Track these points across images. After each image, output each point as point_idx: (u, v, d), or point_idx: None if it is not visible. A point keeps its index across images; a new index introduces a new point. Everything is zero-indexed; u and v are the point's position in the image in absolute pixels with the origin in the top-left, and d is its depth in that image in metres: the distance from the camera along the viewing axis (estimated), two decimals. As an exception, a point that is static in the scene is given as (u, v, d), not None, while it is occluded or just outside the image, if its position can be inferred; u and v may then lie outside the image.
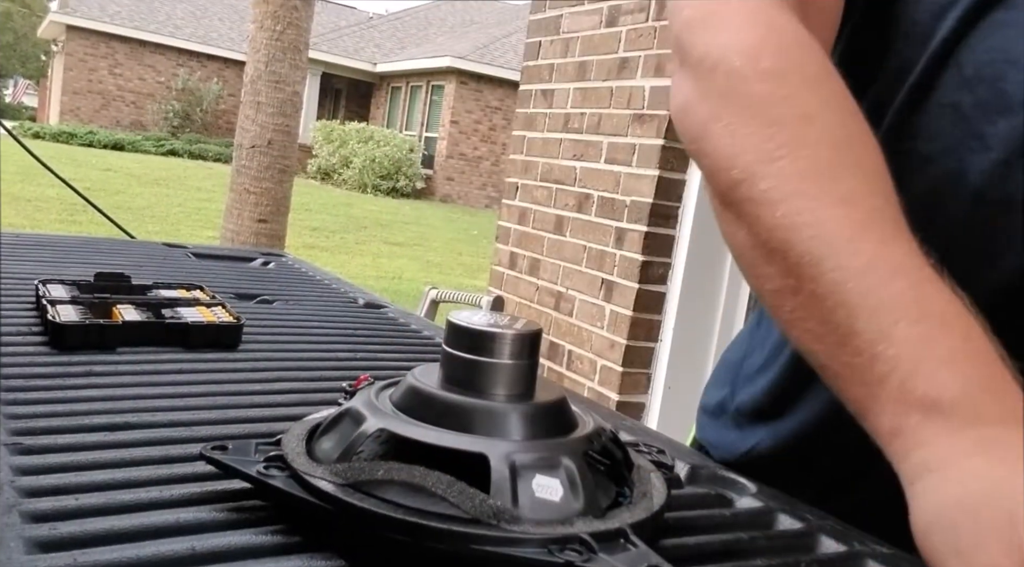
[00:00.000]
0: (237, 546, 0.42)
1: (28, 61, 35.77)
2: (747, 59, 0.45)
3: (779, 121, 0.44)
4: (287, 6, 4.62)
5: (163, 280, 0.96)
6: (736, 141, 0.44)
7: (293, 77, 4.72)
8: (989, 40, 0.50)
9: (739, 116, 0.44)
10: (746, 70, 0.45)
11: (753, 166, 0.43)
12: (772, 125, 0.44)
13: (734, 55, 0.46)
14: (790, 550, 0.51)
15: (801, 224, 0.40)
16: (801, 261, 0.40)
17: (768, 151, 0.43)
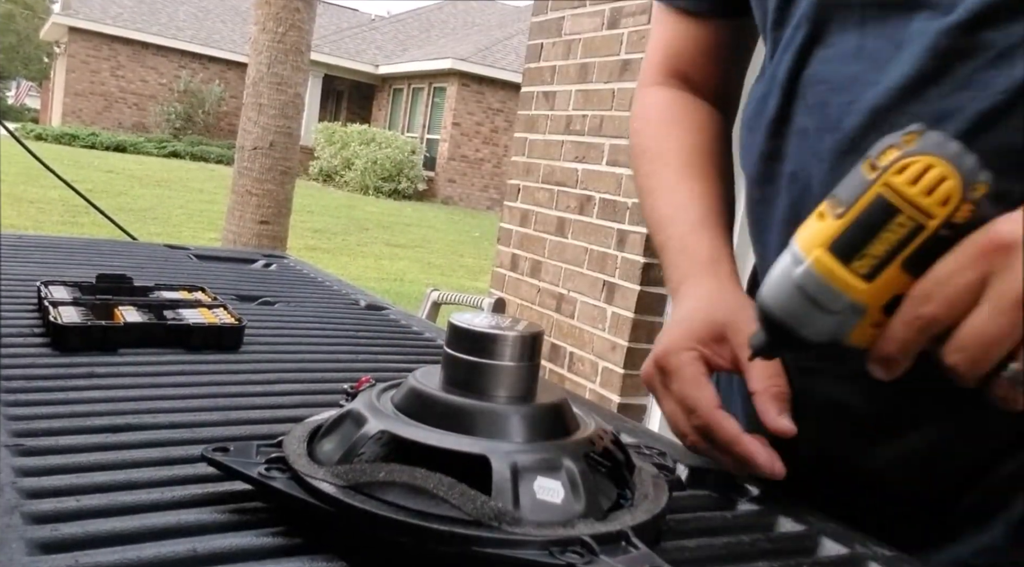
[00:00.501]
0: (238, 547, 0.42)
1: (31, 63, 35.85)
2: (632, 122, 0.83)
3: (639, 156, 0.81)
4: (289, 8, 4.62)
5: (165, 282, 0.96)
6: (632, 167, 0.83)
7: (295, 79, 4.72)
8: (818, 73, 0.62)
9: (632, 154, 0.83)
10: (632, 129, 0.83)
11: (636, 183, 0.81)
12: (637, 159, 0.81)
13: (631, 121, 0.84)
14: (791, 553, 0.51)
15: (648, 213, 0.77)
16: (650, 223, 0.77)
17: (638, 177, 0.80)
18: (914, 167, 0.43)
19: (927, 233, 0.43)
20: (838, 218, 0.45)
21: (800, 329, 0.47)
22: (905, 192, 0.43)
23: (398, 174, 17.01)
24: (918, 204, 0.43)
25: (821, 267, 0.45)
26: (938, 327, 0.44)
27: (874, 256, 0.44)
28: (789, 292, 0.47)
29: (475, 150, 18.22)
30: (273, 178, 4.78)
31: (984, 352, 0.43)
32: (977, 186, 0.43)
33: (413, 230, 11.80)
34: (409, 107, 20.15)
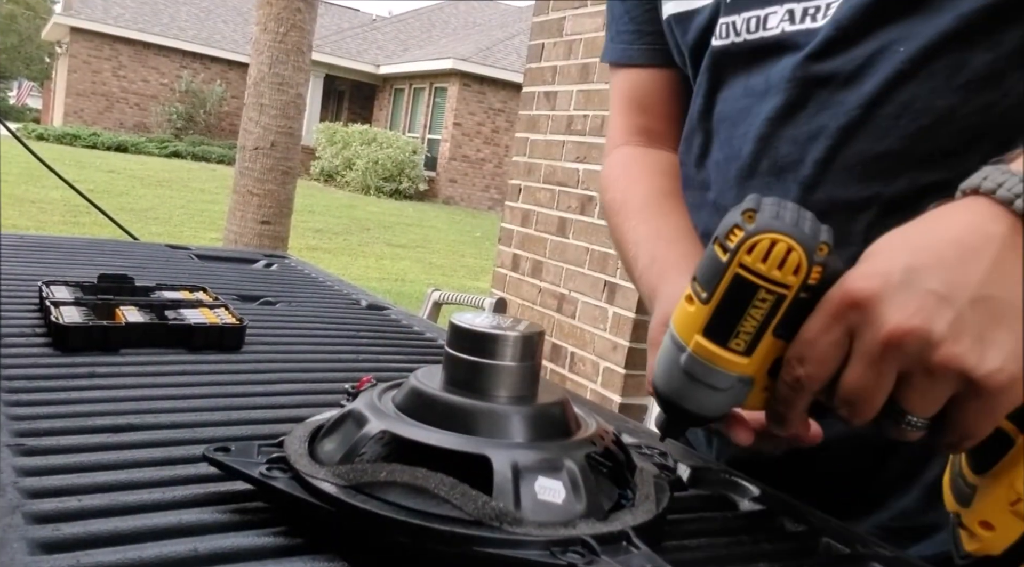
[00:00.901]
0: (239, 547, 0.42)
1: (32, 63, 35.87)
2: (600, 184, 0.88)
3: (608, 211, 0.84)
4: (290, 8, 4.62)
5: (166, 282, 0.97)
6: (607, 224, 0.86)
7: (296, 79, 4.72)
8: (722, 112, 0.73)
9: (604, 214, 0.87)
10: (600, 189, 0.88)
11: (612, 237, 0.84)
12: (607, 214, 0.85)
13: (600, 184, 0.88)
14: (792, 553, 0.51)
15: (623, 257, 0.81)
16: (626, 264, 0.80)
17: (611, 231, 0.83)
18: (761, 245, 0.45)
19: (788, 302, 0.46)
20: (705, 303, 0.47)
21: (699, 409, 0.50)
22: (759, 270, 0.45)
23: (399, 174, 17.01)
24: (773, 278, 0.45)
25: (703, 352, 0.48)
26: (817, 384, 0.46)
27: (747, 332, 0.47)
28: (680, 379, 0.50)
29: (476, 150, 18.22)
30: (274, 178, 4.78)
31: (864, 401, 0.45)
32: (820, 247, 0.45)
33: (414, 230, 11.80)
34: (410, 107, 20.15)
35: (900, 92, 0.60)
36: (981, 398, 0.43)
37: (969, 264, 0.43)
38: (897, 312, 0.43)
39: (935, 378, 0.43)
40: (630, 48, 0.86)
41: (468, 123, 18.11)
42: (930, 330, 0.42)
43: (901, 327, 0.42)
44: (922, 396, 0.44)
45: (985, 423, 0.44)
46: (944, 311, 0.42)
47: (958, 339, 0.42)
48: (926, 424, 0.45)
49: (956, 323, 0.42)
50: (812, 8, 0.63)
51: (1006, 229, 0.43)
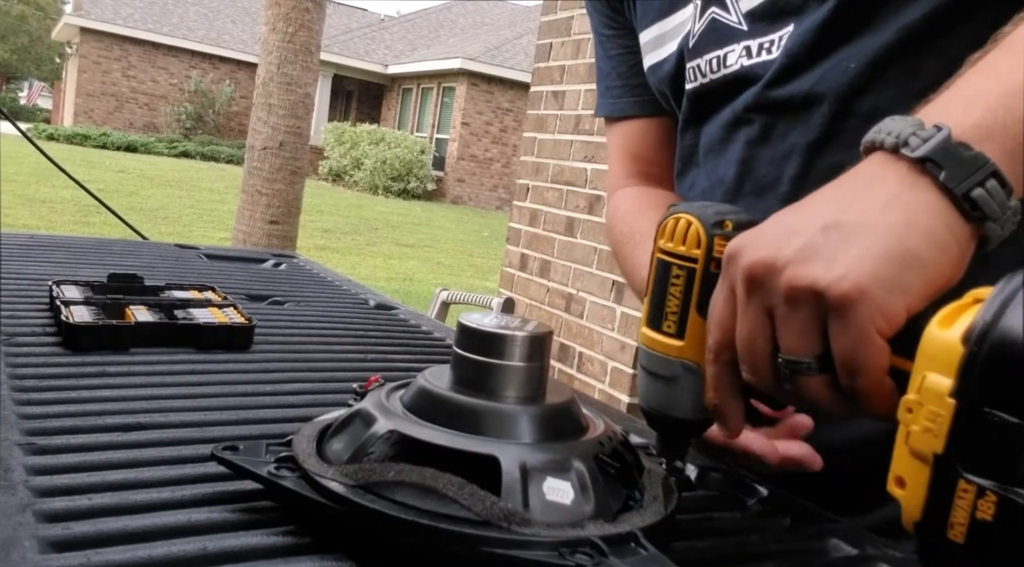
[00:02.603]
0: (248, 546, 0.42)
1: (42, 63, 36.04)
2: (607, 223, 0.93)
3: (617, 244, 0.88)
4: (299, 8, 4.63)
5: (175, 281, 0.97)
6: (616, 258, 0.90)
7: (305, 79, 4.73)
8: (704, 144, 0.77)
9: (613, 251, 0.91)
10: (608, 228, 0.92)
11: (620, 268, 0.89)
12: (616, 248, 0.88)
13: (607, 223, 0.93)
14: (801, 553, 0.51)
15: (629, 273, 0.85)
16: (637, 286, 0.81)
17: (620, 262, 0.87)
18: (668, 225, 0.50)
19: (699, 275, 0.49)
20: (645, 296, 0.52)
21: (668, 410, 0.52)
22: (668, 247, 0.50)
23: (407, 174, 17.03)
24: (679, 252, 0.49)
25: (644, 340, 0.52)
26: (726, 353, 0.47)
27: (673, 313, 0.50)
28: (642, 378, 0.53)
29: (484, 150, 18.22)
30: (283, 178, 4.80)
31: (752, 355, 0.45)
32: (724, 223, 0.48)
33: (422, 230, 11.81)
34: (418, 107, 20.16)
35: (860, 104, 0.63)
36: (840, 316, 0.41)
37: (828, 198, 0.45)
38: (752, 250, 0.45)
39: (791, 303, 0.43)
40: (620, 101, 0.91)
41: (476, 123, 18.11)
42: (775, 257, 0.44)
43: (752, 260, 0.44)
44: (789, 328, 0.43)
45: (862, 348, 0.41)
46: (792, 239, 0.44)
47: (805, 261, 0.42)
48: (813, 365, 0.43)
49: (804, 248, 0.43)
50: (767, 43, 0.69)
51: (884, 161, 0.45)
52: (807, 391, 0.44)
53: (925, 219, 0.42)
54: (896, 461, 0.39)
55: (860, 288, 0.41)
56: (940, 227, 0.42)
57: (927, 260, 0.42)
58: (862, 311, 0.41)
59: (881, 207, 0.43)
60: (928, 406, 0.37)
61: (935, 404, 0.36)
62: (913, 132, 0.44)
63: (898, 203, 0.43)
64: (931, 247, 0.42)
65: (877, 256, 0.41)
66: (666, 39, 0.79)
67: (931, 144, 0.43)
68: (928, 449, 0.37)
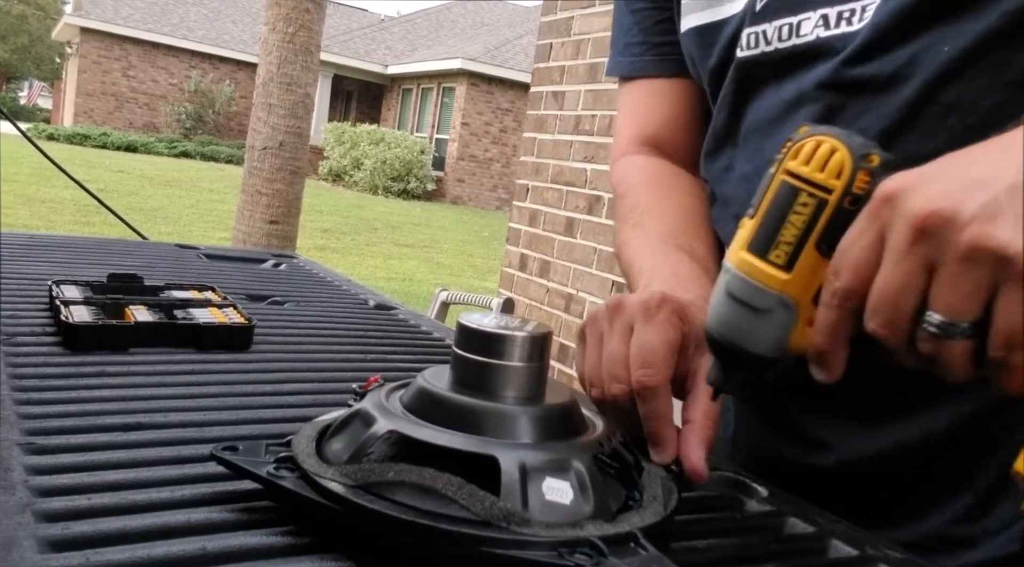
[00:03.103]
0: (247, 547, 0.42)
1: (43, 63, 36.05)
2: (614, 189, 0.86)
3: (628, 211, 0.81)
4: (299, 9, 4.64)
5: (175, 281, 0.97)
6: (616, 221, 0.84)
7: (305, 79, 4.74)
8: (751, 123, 0.70)
9: (617, 212, 0.84)
10: (616, 193, 0.85)
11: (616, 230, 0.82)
12: (626, 214, 0.81)
13: (613, 188, 0.87)
14: (801, 554, 0.51)
15: (621, 251, 0.79)
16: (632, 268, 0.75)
17: (624, 229, 0.80)
18: (806, 148, 0.44)
19: (831, 208, 0.44)
20: (752, 218, 0.46)
21: (744, 343, 0.47)
22: (800, 172, 0.44)
23: (407, 174, 17.03)
24: (814, 180, 0.44)
25: (743, 266, 0.46)
26: (854, 299, 0.43)
27: (787, 243, 0.45)
28: (725, 304, 0.47)
29: (484, 150, 18.23)
30: (283, 178, 4.80)
31: (894, 308, 0.41)
32: (870, 157, 0.43)
33: (422, 230, 11.81)
34: (418, 107, 20.17)
35: (945, 93, 0.58)
36: (1021, 286, 0.38)
37: (1010, 154, 0.40)
38: (925, 197, 0.40)
39: (967, 263, 0.39)
40: (640, 59, 0.84)
41: (476, 123, 18.11)
42: (957, 210, 0.39)
43: (926, 209, 0.40)
44: (955, 288, 0.39)
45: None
46: (976, 193, 0.39)
47: (992, 220, 0.38)
48: (967, 330, 0.40)
49: (990, 205, 0.39)
50: (847, 12, 0.61)
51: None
52: (947, 355, 0.41)
53: None
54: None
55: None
56: None
57: None
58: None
59: None
60: None
61: None
62: None
63: None
64: None
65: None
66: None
67: None
68: None
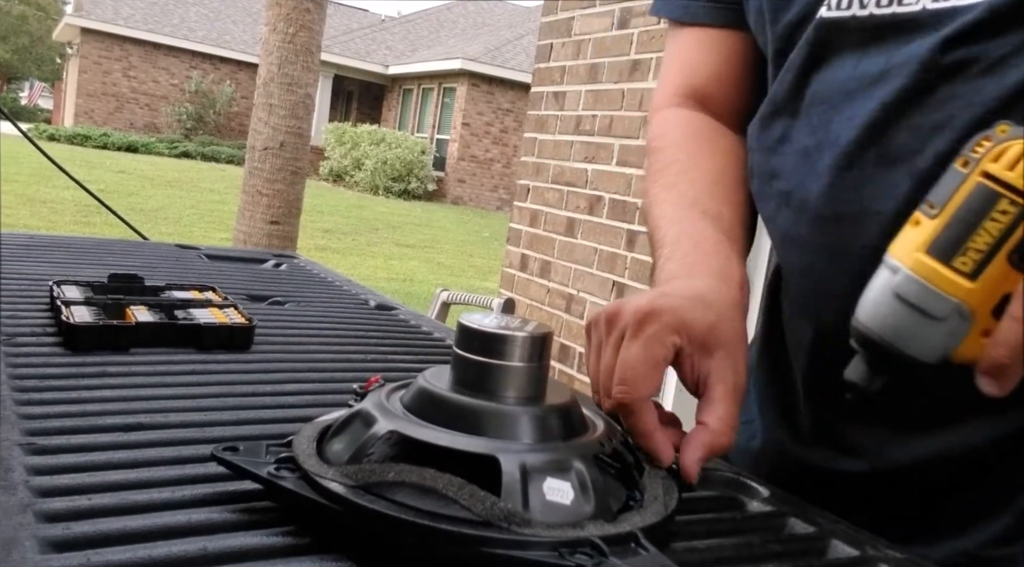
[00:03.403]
0: (248, 547, 0.42)
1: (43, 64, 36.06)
2: (650, 142, 0.81)
3: (663, 168, 0.76)
4: (300, 9, 4.64)
5: (176, 281, 0.97)
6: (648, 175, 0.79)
7: (305, 79, 4.74)
8: (819, 93, 0.64)
9: (651, 168, 0.79)
10: (651, 147, 0.80)
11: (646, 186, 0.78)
12: (650, 172, 0.78)
13: (649, 141, 0.82)
14: (801, 554, 0.51)
15: (650, 210, 0.74)
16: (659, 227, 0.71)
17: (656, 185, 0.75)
18: (1011, 151, 0.41)
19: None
20: (934, 219, 0.43)
21: (905, 346, 0.44)
22: (1004, 177, 0.41)
23: (408, 174, 17.03)
24: (1019, 188, 0.41)
25: (921, 269, 0.43)
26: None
27: (977, 250, 0.42)
28: (889, 305, 0.44)
29: (485, 150, 18.23)
30: (283, 178, 4.80)
31: None
32: None
33: (423, 230, 11.81)
34: (419, 107, 20.17)
35: None
36: None
37: None
38: None
39: None
40: (694, 4, 0.77)
41: (477, 123, 18.11)
42: None
43: None
44: None
45: None
46: None
47: None
48: None
49: None
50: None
51: None
52: None
53: None
54: None
55: None
56: None
57: None
58: None
59: None
60: None
61: None
62: None
63: None
64: None
65: None
66: None
67: None
68: None
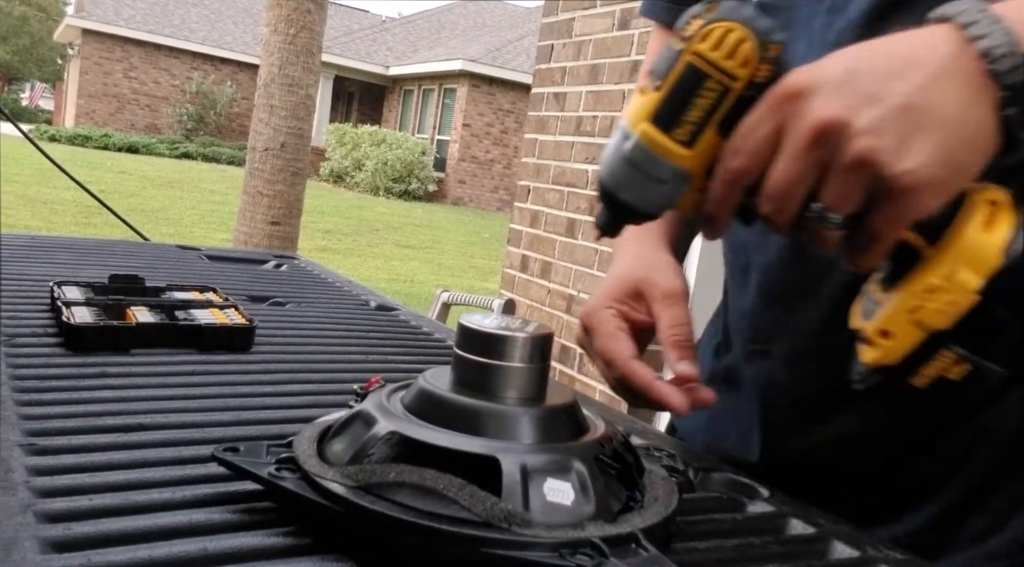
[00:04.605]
0: (248, 547, 0.42)
1: (44, 65, 36.08)
2: None
3: None
4: (300, 10, 4.64)
5: (176, 282, 0.97)
6: None
7: (306, 80, 4.74)
8: None
9: None
10: None
11: None
12: None
13: None
14: (802, 555, 0.51)
15: None
16: None
17: None
18: (716, 33, 0.46)
19: (733, 94, 0.46)
20: (656, 90, 0.48)
21: (636, 201, 0.51)
22: (709, 57, 0.46)
23: (408, 175, 17.03)
24: (723, 67, 0.46)
25: (646, 138, 0.49)
26: (747, 179, 0.47)
27: (691, 122, 0.47)
28: (621, 167, 0.50)
29: (485, 151, 18.23)
30: (284, 179, 4.80)
31: (786, 196, 0.46)
32: (771, 47, 0.46)
33: (423, 231, 11.81)
34: (420, 108, 20.17)
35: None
36: (892, 197, 0.44)
37: (907, 74, 0.44)
38: (825, 104, 0.44)
39: (852, 171, 0.44)
40: (678, 8, 0.79)
41: (477, 124, 18.11)
42: (851, 122, 0.43)
43: (825, 117, 0.44)
44: (839, 190, 0.45)
45: (893, 225, 0.45)
46: (870, 109, 0.43)
47: (879, 135, 0.43)
48: (841, 222, 0.46)
49: (880, 121, 0.43)
50: None
51: (954, 49, 0.44)
52: (819, 236, 0.47)
53: (987, 138, 0.44)
54: (887, 320, 0.47)
55: (921, 185, 0.43)
56: (990, 144, 0.44)
57: (981, 162, 0.44)
58: (912, 203, 0.44)
59: (960, 108, 0.43)
60: (951, 294, 0.45)
61: (958, 294, 0.45)
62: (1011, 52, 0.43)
63: (977, 115, 0.44)
64: (987, 152, 0.44)
65: (946, 160, 0.43)
66: None
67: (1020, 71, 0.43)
68: (933, 323, 0.46)
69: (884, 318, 0.48)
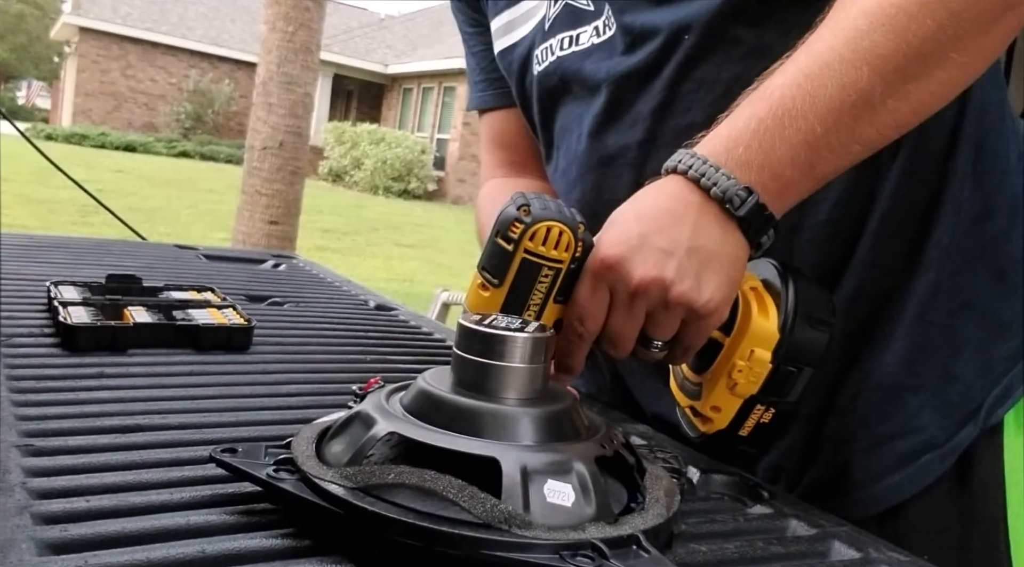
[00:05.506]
0: (247, 549, 0.42)
1: (41, 63, 36.04)
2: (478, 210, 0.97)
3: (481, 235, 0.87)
4: (299, 8, 4.63)
5: (174, 282, 0.97)
6: None
7: (305, 79, 4.72)
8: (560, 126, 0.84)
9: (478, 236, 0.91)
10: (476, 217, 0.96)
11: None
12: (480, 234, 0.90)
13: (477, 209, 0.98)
14: (803, 556, 0.51)
15: None
16: None
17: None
18: (539, 232, 0.57)
19: (564, 273, 0.58)
20: (498, 288, 0.58)
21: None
22: (540, 252, 0.57)
23: (408, 174, 17.02)
24: (551, 257, 0.57)
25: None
26: (594, 335, 0.59)
27: (536, 304, 0.59)
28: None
29: (484, 150, 18.22)
30: (282, 178, 4.79)
31: (625, 338, 0.59)
32: (580, 227, 0.57)
33: (423, 230, 11.80)
34: (419, 107, 20.16)
35: (694, 71, 0.71)
36: (700, 320, 0.58)
37: (679, 226, 0.57)
38: (639, 267, 0.56)
39: (671, 311, 0.57)
40: (484, 94, 0.99)
41: (477, 123, 18.08)
42: (663, 277, 0.56)
43: (644, 278, 0.56)
44: (663, 326, 0.58)
45: (702, 336, 0.60)
46: (670, 261, 0.56)
47: (683, 280, 0.56)
48: (665, 346, 0.59)
49: (679, 269, 0.56)
50: (612, 22, 0.75)
51: (699, 198, 0.57)
52: (648, 356, 0.60)
53: (742, 253, 0.59)
54: (714, 397, 0.61)
55: (717, 305, 0.57)
56: (744, 257, 0.59)
57: (744, 269, 0.60)
58: (713, 320, 0.58)
59: (719, 242, 0.57)
60: (755, 369, 0.59)
61: (759, 367, 0.59)
62: (736, 192, 0.57)
63: (730, 240, 0.58)
64: (746, 261, 0.60)
65: (727, 281, 0.58)
66: (515, 25, 0.86)
67: (747, 207, 0.57)
68: (746, 391, 0.59)
69: (712, 397, 0.61)
